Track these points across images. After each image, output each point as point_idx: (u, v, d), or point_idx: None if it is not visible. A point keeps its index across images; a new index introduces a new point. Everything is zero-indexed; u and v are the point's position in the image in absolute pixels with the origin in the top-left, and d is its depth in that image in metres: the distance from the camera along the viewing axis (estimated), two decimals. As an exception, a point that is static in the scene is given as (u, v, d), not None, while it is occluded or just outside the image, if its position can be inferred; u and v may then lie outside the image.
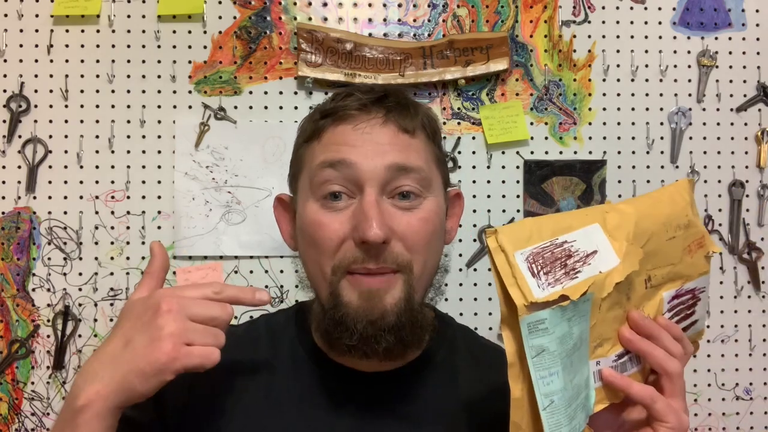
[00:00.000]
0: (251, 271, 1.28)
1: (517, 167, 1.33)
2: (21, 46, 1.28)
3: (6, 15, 1.28)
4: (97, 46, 1.29)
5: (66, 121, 1.28)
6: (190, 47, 1.29)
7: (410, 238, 0.68)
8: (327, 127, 0.71)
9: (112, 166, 1.28)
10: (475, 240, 1.31)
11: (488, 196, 1.32)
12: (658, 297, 0.64)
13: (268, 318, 0.85)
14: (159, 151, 1.28)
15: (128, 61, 1.29)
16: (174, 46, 1.29)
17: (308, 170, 0.72)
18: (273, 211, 0.81)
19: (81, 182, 1.27)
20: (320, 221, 0.69)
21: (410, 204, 0.69)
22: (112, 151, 1.28)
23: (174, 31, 1.29)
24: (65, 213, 1.27)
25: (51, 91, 1.28)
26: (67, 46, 1.28)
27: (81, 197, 1.27)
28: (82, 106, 1.28)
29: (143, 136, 1.28)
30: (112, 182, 1.28)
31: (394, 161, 0.68)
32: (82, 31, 1.29)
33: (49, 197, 1.27)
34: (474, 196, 1.32)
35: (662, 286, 0.64)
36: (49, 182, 1.27)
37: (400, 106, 0.72)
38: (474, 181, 1.32)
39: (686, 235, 0.65)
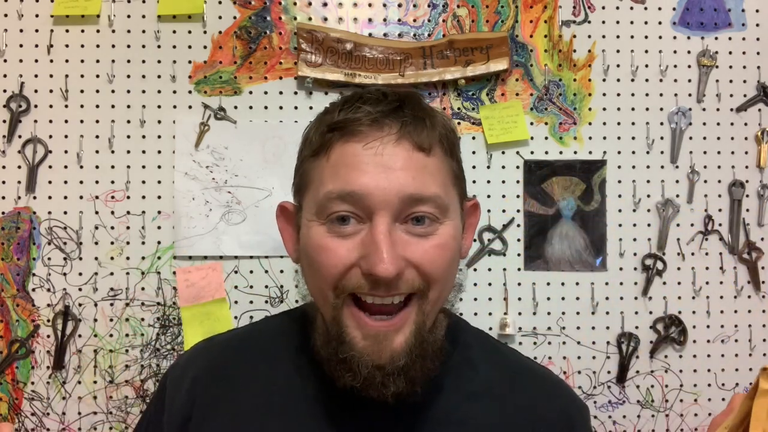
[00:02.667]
0: (251, 271, 1.28)
1: (517, 167, 1.33)
2: (21, 46, 1.28)
3: (6, 15, 1.28)
4: (97, 46, 1.29)
5: (66, 121, 1.28)
6: (190, 47, 1.29)
7: (426, 267, 0.64)
8: (335, 143, 0.65)
9: (112, 166, 1.28)
10: (475, 240, 1.31)
11: (488, 196, 1.32)
12: None
13: (269, 322, 0.84)
14: (159, 151, 1.28)
15: (128, 61, 1.29)
16: (174, 46, 1.29)
17: (314, 191, 0.67)
18: (276, 221, 0.77)
19: (81, 182, 1.27)
20: (326, 246, 0.64)
21: (425, 230, 0.64)
22: (112, 151, 1.28)
23: (174, 31, 1.29)
24: (65, 213, 1.27)
25: (51, 91, 1.28)
26: (67, 46, 1.28)
27: (81, 197, 1.27)
28: (82, 106, 1.28)
29: (143, 136, 1.28)
30: (112, 182, 1.28)
31: (408, 192, 0.63)
32: (82, 31, 1.29)
33: (49, 197, 1.27)
34: (474, 196, 1.31)
35: None
36: (49, 182, 1.27)
37: (416, 119, 0.66)
38: (474, 181, 1.32)
39: None
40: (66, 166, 1.27)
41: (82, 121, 1.28)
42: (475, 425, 0.70)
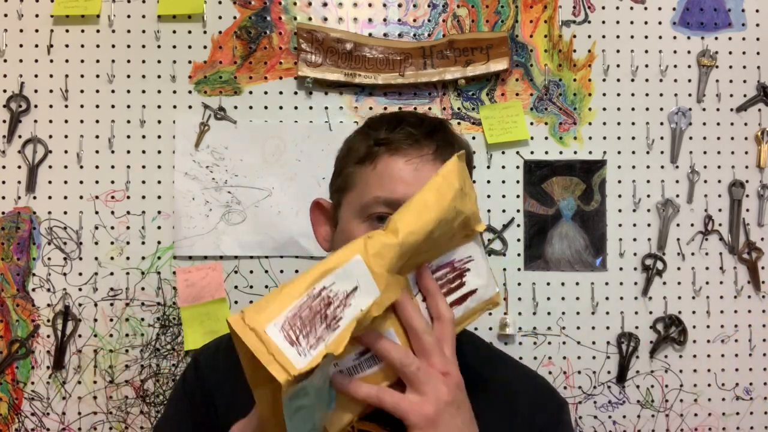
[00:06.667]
0: (251, 271, 1.28)
1: (517, 167, 1.33)
2: (21, 46, 1.28)
3: (6, 15, 1.28)
4: (97, 46, 1.29)
5: (66, 121, 1.28)
6: (190, 47, 1.29)
7: None
8: (381, 156, 0.76)
9: (112, 166, 1.28)
10: (475, 240, 1.32)
11: (488, 196, 1.32)
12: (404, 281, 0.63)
13: None
14: (159, 151, 1.28)
15: (128, 61, 1.29)
16: (174, 46, 1.29)
17: (358, 193, 0.77)
18: (309, 214, 0.87)
19: (81, 182, 1.27)
20: None
21: None
22: (112, 151, 1.28)
23: (174, 31, 1.29)
24: (65, 213, 1.27)
25: (51, 91, 1.28)
26: (67, 46, 1.28)
27: (81, 197, 1.27)
28: (82, 106, 1.28)
29: (143, 136, 1.28)
30: (112, 182, 1.28)
31: None
32: (82, 31, 1.29)
33: (49, 197, 1.27)
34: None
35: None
36: (49, 182, 1.27)
37: (448, 143, 0.77)
38: (474, 181, 1.31)
39: (453, 227, 0.65)
40: (66, 166, 1.27)
41: (82, 121, 1.28)
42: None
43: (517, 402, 0.79)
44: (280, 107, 1.30)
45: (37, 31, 1.28)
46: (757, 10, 1.37)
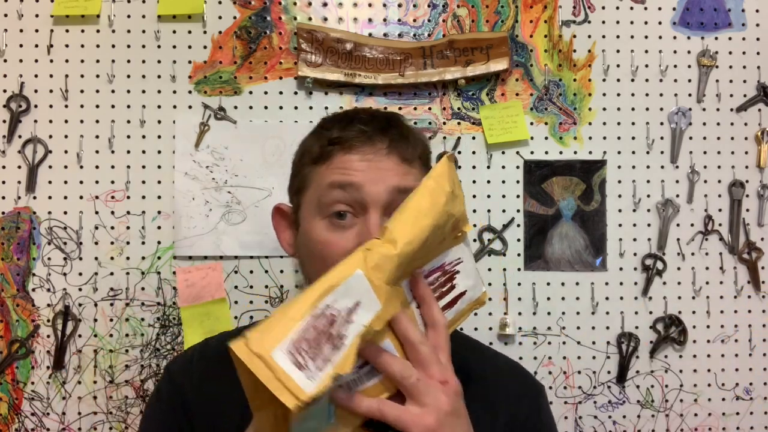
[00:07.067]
0: (251, 271, 1.28)
1: (517, 167, 1.33)
2: (21, 46, 1.28)
3: (6, 15, 1.28)
4: (97, 46, 1.29)
5: (66, 121, 1.28)
6: (190, 47, 1.29)
7: None
8: (335, 154, 0.78)
9: (112, 166, 1.28)
10: (475, 240, 1.32)
11: (488, 196, 1.32)
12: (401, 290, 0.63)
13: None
14: (159, 151, 1.28)
15: (128, 61, 1.29)
16: (174, 46, 1.29)
17: (316, 189, 0.78)
18: (271, 220, 0.89)
19: (81, 182, 1.27)
20: (328, 240, 0.75)
21: None
22: (112, 151, 1.28)
23: (174, 31, 1.29)
24: (65, 213, 1.27)
25: (51, 91, 1.28)
26: (67, 46, 1.28)
27: (81, 197, 1.27)
28: (82, 106, 1.28)
29: (143, 136, 1.28)
30: (112, 182, 1.28)
31: (394, 184, 0.75)
32: (82, 31, 1.29)
33: (49, 197, 1.27)
34: (474, 196, 1.32)
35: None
36: (49, 182, 1.27)
37: (402, 137, 0.79)
38: (474, 181, 1.32)
39: (445, 230, 0.65)
40: (66, 166, 1.27)
41: (82, 121, 1.28)
42: None
43: (498, 395, 0.81)
44: (280, 107, 1.30)
45: (37, 31, 1.28)
46: (757, 10, 1.37)
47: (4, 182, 1.27)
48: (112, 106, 1.28)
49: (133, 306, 1.26)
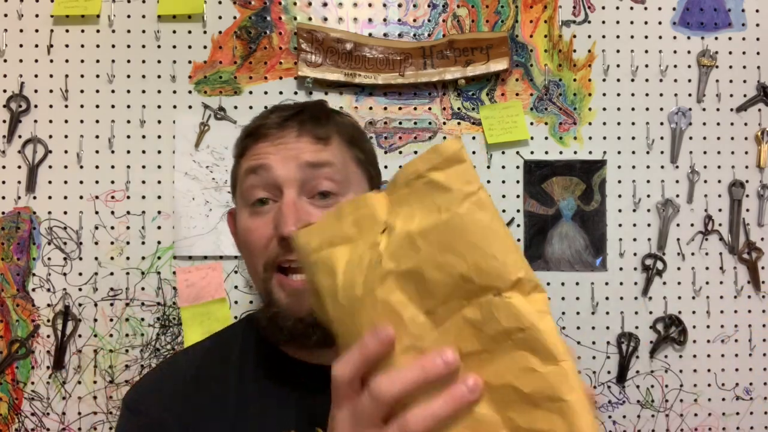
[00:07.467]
0: (251, 271, 1.28)
1: (517, 167, 1.33)
2: (21, 46, 1.28)
3: (6, 15, 1.28)
4: (97, 46, 1.29)
5: (66, 121, 1.28)
6: (190, 47, 1.29)
7: None
8: (250, 145, 0.79)
9: (112, 166, 1.28)
10: (475, 240, 1.31)
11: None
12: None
13: (231, 328, 0.90)
14: (159, 151, 1.28)
15: (128, 61, 1.29)
16: (174, 46, 1.29)
17: (240, 182, 0.79)
18: (228, 226, 0.88)
19: (81, 182, 1.27)
20: (249, 227, 0.76)
21: (327, 203, 0.75)
22: (112, 151, 1.28)
23: (174, 31, 1.29)
24: (65, 213, 1.27)
25: (51, 91, 1.28)
26: (67, 46, 1.28)
27: (81, 197, 1.27)
28: (82, 106, 1.28)
29: (143, 136, 1.28)
30: (112, 182, 1.28)
31: (306, 159, 0.75)
32: (82, 31, 1.29)
33: (49, 197, 1.27)
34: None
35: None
36: (49, 182, 1.27)
37: (314, 118, 0.78)
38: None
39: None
40: (66, 166, 1.27)
41: (82, 121, 1.28)
42: None
43: None
44: (280, 107, 1.30)
45: (37, 31, 1.28)
46: (757, 10, 1.37)
47: (4, 182, 1.27)
48: (112, 106, 1.28)
49: (133, 306, 1.26)
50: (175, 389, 0.78)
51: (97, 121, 1.28)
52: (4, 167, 1.27)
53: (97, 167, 1.28)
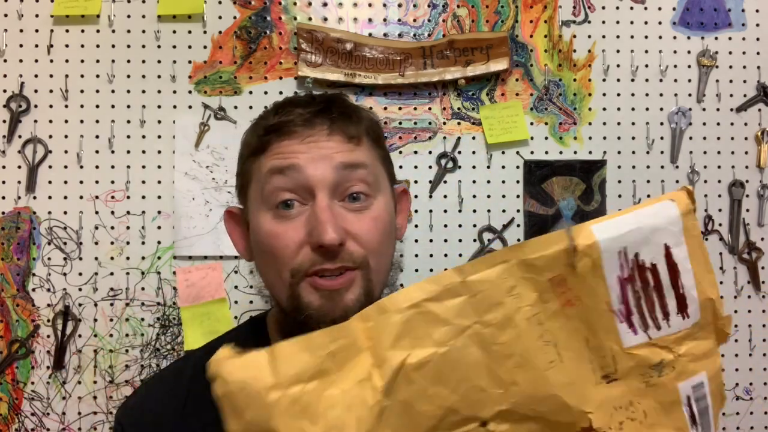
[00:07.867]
0: (251, 271, 1.27)
1: (517, 167, 1.33)
2: (21, 46, 1.28)
3: (6, 15, 1.28)
4: (97, 46, 1.29)
5: (66, 121, 1.28)
6: (190, 47, 1.29)
7: (364, 238, 0.70)
8: (273, 141, 0.72)
9: (112, 166, 1.28)
10: (475, 240, 1.31)
11: (488, 196, 1.32)
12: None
13: (233, 333, 0.87)
14: (159, 151, 1.28)
15: (128, 61, 1.29)
16: (174, 46, 1.29)
17: (257, 180, 0.73)
18: (224, 225, 0.82)
19: (81, 182, 1.27)
20: (275, 232, 0.70)
21: (361, 205, 0.71)
22: (112, 151, 1.28)
23: (174, 31, 1.29)
24: (65, 213, 1.27)
25: (51, 91, 1.28)
26: (67, 46, 1.28)
27: (81, 197, 1.27)
28: (82, 106, 1.28)
29: (143, 136, 1.28)
30: (112, 182, 1.28)
31: (340, 160, 0.70)
32: (82, 31, 1.29)
33: (49, 197, 1.27)
34: (474, 196, 1.32)
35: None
36: (49, 182, 1.27)
37: (344, 115, 0.73)
38: (474, 181, 1.32)
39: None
40: (66, 166, 1.27)
41: (82, 121, 1.28)
42: None
43: None
44: (280, 107, 1.30)
45: (37, 31, 1.28)
46: (757, 10, 1.37)
47: (4, 182, 1.27)
48: (112, 106, 1.28)
49: (133, 306, 1.26)
50: (165, 411, 0.76)
51: (97, 121, 1.28)
52: (4, 167, 1.27)
53: (97, 167, 1.28)
